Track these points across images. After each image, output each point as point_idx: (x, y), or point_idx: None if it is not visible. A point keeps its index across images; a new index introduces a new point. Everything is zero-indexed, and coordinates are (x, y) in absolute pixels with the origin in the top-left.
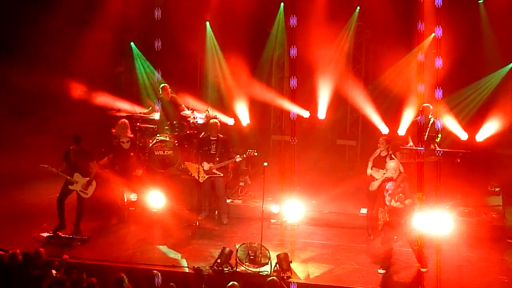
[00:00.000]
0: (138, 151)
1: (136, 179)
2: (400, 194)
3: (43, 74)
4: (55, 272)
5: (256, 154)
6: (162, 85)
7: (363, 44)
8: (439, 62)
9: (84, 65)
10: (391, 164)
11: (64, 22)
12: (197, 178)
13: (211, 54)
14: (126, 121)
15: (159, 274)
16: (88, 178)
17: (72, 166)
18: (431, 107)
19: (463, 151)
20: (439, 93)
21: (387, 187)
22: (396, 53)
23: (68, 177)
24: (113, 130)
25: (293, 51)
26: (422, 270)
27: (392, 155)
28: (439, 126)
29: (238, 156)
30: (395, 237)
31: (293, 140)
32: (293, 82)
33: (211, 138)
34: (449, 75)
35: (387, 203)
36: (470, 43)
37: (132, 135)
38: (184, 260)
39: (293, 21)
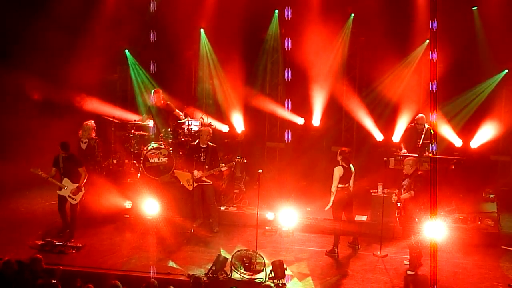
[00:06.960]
0: (98, 156)
1: (128, 186)
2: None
3: (38, 81)
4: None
5: (245, 161)
6: (154, 89)
7: (357, 51)
8: (434, 56)
9: (78, 72)
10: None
11: (58, 29)
12: (186, 186)
13: (205, 61)
14: (91, 122)
15: (154, 281)
16: (77, 184)
17: (61, 171)
18: (424, 117)
19: (458, 157)
20: (433, 87)
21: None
22: (391, 59)
23: (58, 183)
24: (79, 132)
25: (288, 43)
26: (409, 272)
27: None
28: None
29: (227, 164)
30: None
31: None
32: (288, 74)
33: (201, 146)
34: (444, 82)
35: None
36: (464, 50)
37: (96, 138)
38: (179, 268)
39: (288, 13)
